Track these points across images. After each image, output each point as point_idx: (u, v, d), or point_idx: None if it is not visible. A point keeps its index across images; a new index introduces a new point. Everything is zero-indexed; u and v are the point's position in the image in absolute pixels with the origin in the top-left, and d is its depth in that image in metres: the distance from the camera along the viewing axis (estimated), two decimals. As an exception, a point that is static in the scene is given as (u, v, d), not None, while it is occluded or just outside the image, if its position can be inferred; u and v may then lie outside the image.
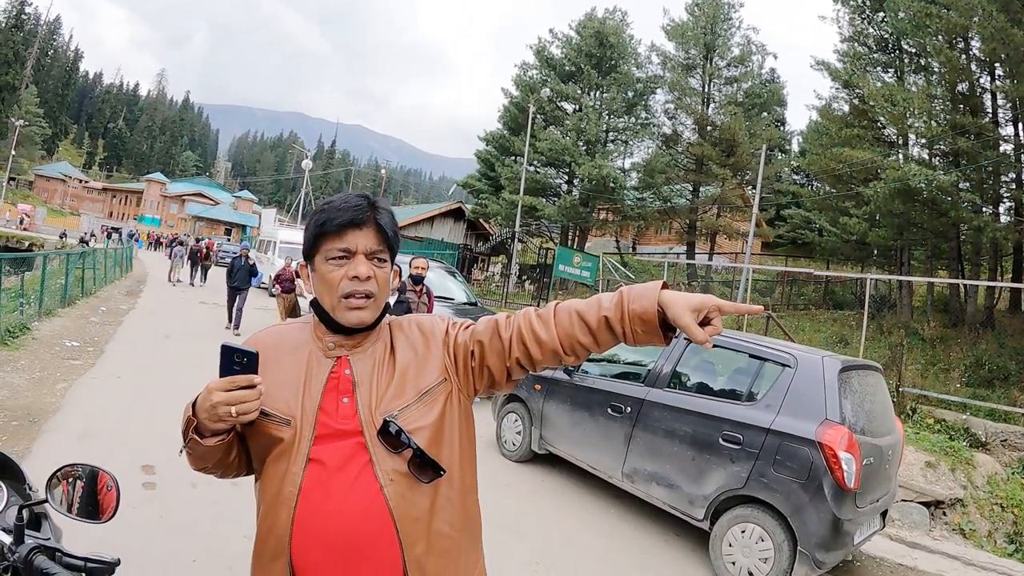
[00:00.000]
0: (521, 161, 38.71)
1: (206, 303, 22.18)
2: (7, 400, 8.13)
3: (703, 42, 37.75)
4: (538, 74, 43.32)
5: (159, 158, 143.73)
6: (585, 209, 39.27)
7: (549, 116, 41.43)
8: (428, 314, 2.04)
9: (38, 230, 63.39)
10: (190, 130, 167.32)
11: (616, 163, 41.13)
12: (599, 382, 7.49)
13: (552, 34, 43.39)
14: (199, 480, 5.97)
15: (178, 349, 12.86)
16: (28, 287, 15.66)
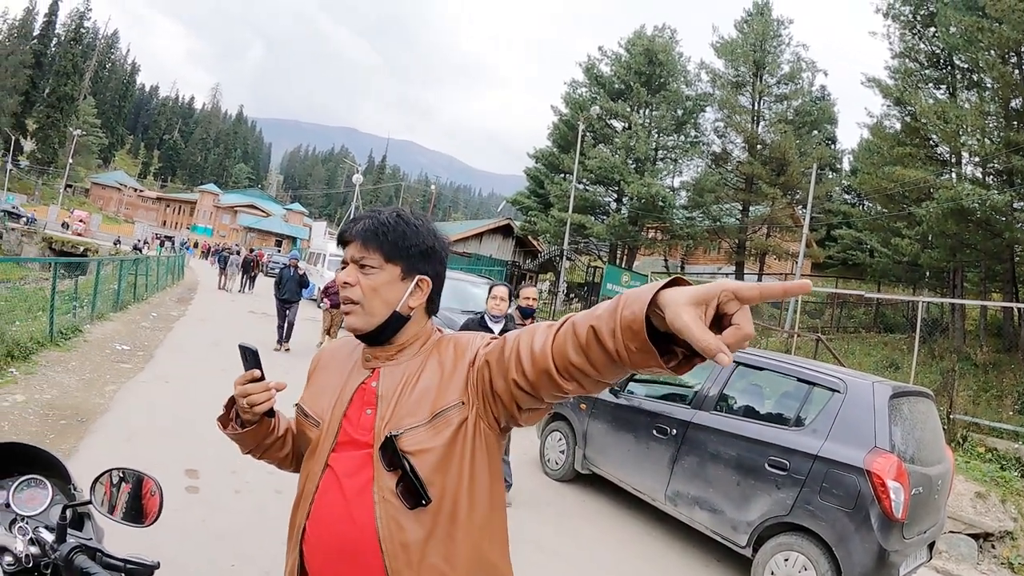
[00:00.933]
0: (570, 178, 38.49)
1: (255, 312, 22.42)
2: (56, 399, 8.27)
3: (752, 59, 37.31)
4: (587, 92, 43.22)
5: (213, 170, 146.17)
6: (634, 227, 39.00)
7: (598, 134, 41.26)
8: (471, 332, 1.88)
9: (93, 236, 64.63)
10: (243, 143, 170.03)
11: (665, 181, 40.72)
12: (645, 403, 7.39)
13: (601, 52, 43.28)
14: (242, 486, 6.04)
15: (226, 356, 12.94)
16: (82, 291, 15.99)
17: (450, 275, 15.09)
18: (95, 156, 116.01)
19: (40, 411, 7.71)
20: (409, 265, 1.76)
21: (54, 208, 71.08)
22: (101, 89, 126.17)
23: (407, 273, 1.76)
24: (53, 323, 12.00)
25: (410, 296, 1.77)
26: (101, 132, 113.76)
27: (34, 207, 73.05)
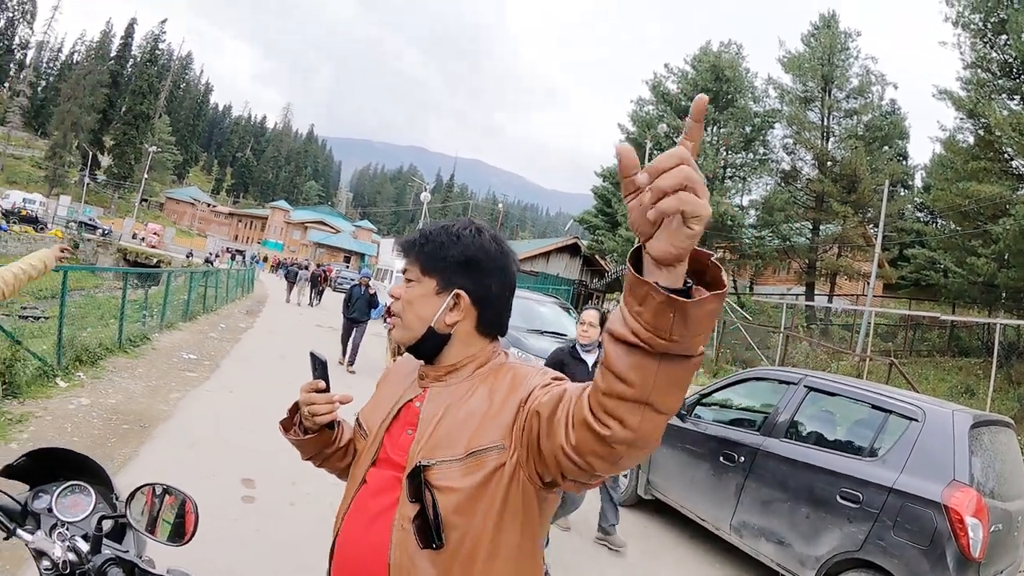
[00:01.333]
0: (638, 197, 38.35)
1: (322, 326, 22.57)
2: (121, 404, 8.37)
3: (821, 74, 36.55)
4: (654, 109, 42.97)
5: (284, 187, 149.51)
6: (702, 247, 38.56)
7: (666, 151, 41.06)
8: (531, 364, 1.68)
9: (166, 249, 66.55)
10: (314, 161, 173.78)
11: (734, 200, 40.19)
12: (712, 428, 7.15)
13: (667, 69, 43.04)
14: (299, 499, 6.00)
15: (291, 369, 12.99)
16: (152, 301, 16.32)
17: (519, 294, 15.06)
18: (170, 172, 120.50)
19: (104, 415, 7.80)
20: (445, 278, 1.65)
21: (129, 220, 73.52)
22: (176, 108, 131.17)
23: (442, 287, 1.65)
24: (122, 330, 12.22)
25: (446, 312, 1.64)
26: (176, 149, 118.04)
27: (110, 219, 75.83)
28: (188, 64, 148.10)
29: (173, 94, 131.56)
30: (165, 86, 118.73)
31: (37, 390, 8.06)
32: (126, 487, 1.90)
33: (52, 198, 70.85)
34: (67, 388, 8.57)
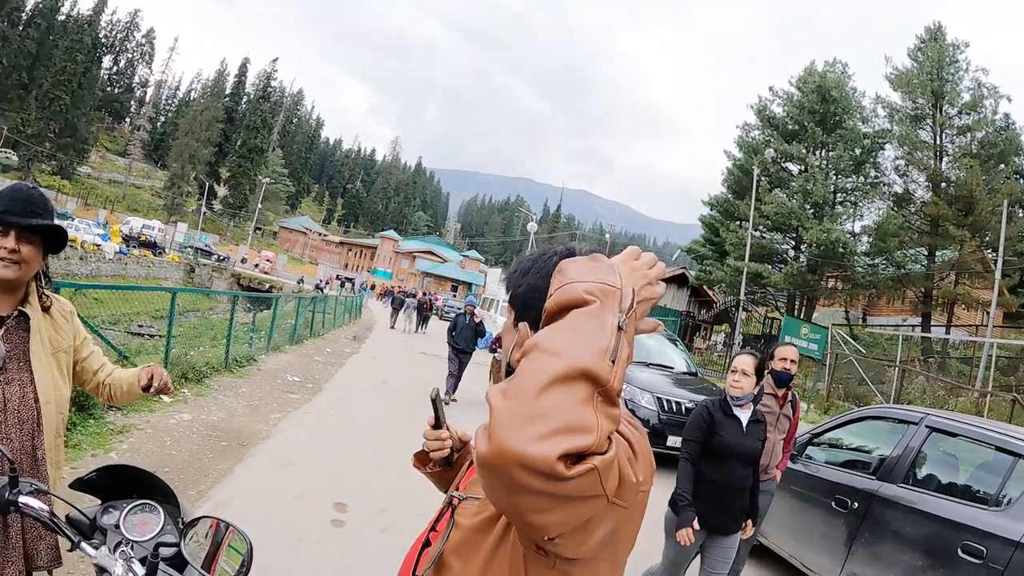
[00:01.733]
0: (746, 226, 37.20)
1: (426, 353, 22.69)
2: (222, 422, 8.53)
3: (930, 89, 34.66)
4: (760, 134, 41.88)
5: (393, 217, 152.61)
6: (813, 276, 37.20)
7: (774, 178, 39.81)
8: None
9: (278, 275, 68.76)
10: (422, 192, 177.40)
11: (845, 226, 38.52)
12: (823, 470, 6.65)
13: (772, 92, 41.87)
14: (389, 526, 5.89)
15: (393, 395, 13.18)
16: (260, 324, 16.70)
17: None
18: (283, 202, 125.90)
19: (204, 431, 7.95)
20: (517, 310, 1.51)
21: (243, 248, 76.37)
22: (288, 142, 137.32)
23: (516, 319, 1.51)
24: (229, 351, 12.58)
25: (516, 348, 1.48)
26: (288, 181, 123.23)
27: (225, 247, 79.01)
28: (300, 100, 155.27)
29: (286, 128, 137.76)
30: (278, 121, 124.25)
31: (141, 404, 8.24)
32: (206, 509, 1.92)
33: (170, 225, 74.35)
34: (171, 403, 8.77)
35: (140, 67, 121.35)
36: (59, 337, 2.27)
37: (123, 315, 21.05)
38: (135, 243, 55.05)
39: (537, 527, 1.02)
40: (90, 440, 6.64)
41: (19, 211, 2.08)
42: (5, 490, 1.73)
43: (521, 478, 0.93)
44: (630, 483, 1.08)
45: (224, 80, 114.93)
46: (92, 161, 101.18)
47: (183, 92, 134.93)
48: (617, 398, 1.02)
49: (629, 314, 1.08)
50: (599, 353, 1.00)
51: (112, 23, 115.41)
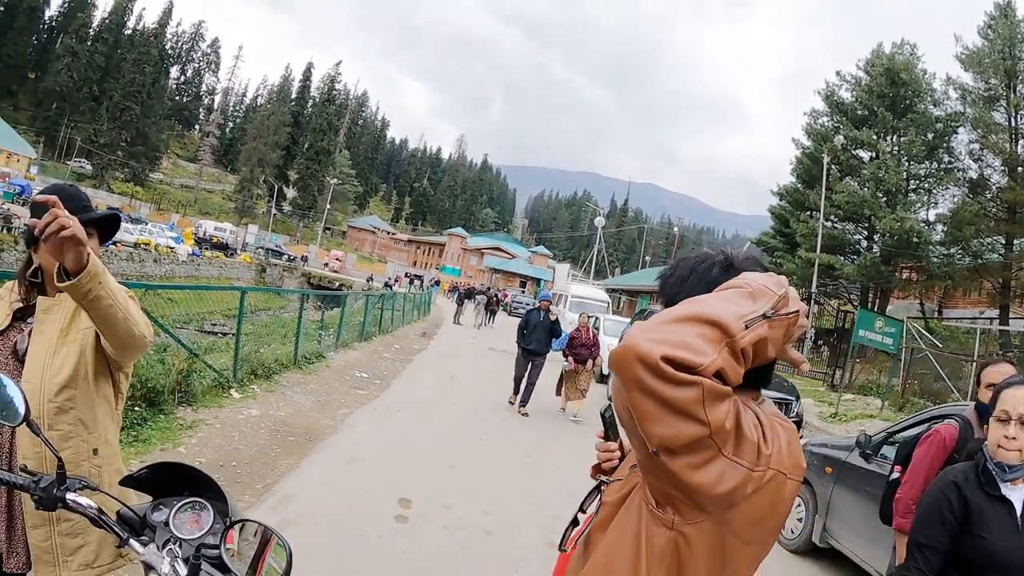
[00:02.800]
0: (817, 216, 36.24)
1: (495, 349, 22.64)
2: (289, 417, 8.58)
3: (1003, 68, 32.95)
4: (829, 121, 40.57)
5: (460, 214, 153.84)
6: (886, 267, 36.04)
7: (844, 165, 38.54)
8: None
9: (348, 273, 69.80)
10: (489, 189, 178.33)
11: (919, 215, 37.12)
12: None
13: (840, 76, 40.42)
14: (452, 522, 5.81)
15: (461, 392, 13.12)
16: (330, 321, 16.85)
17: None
18: (351, 202, 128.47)
19: (272, 426, 8.01)
20: None
21: (313, 248, 77.86)
22: (355, 143, 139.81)
23: None
24: (298, 348, 12.67)
25: None
26: (356, 181, 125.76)
27: (295, 247, 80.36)
28: (364, 102, 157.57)
29: (352, 130, 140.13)
30: (344, 123, 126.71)
31: (211, 400, 8.37)
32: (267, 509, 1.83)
33: (241, 227, 76.54)
34: (240, 399, 8.87)
35: (207, 76, 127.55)
36: (83, 318, 2.17)
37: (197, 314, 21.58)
38: (207, 245, 56.61)
39: (646, 433, 1.12)
40: (159, 435, 6.72)
41: (75, 209, 2.01)
42: (52, 487, 1.72)
43: (633, 369, 1.08)
44: (750, 442, 1.17)
45: (289, 85, 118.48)
46: (164, 167, 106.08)
47: (250, 98, 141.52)
48: (743, 359, 1.13)
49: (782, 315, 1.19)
50: (735, 314, 1.13)
51: (177, 34, 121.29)
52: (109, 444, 2.29)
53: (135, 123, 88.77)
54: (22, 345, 2.17)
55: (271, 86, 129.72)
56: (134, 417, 6.80)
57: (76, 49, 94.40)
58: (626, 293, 60.62)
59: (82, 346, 2.19)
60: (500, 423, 10.43)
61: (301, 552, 1.81)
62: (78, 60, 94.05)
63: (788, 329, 1.21)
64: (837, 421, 16.80)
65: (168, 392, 7.56)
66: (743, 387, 1.28)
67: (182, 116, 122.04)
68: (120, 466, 2.34)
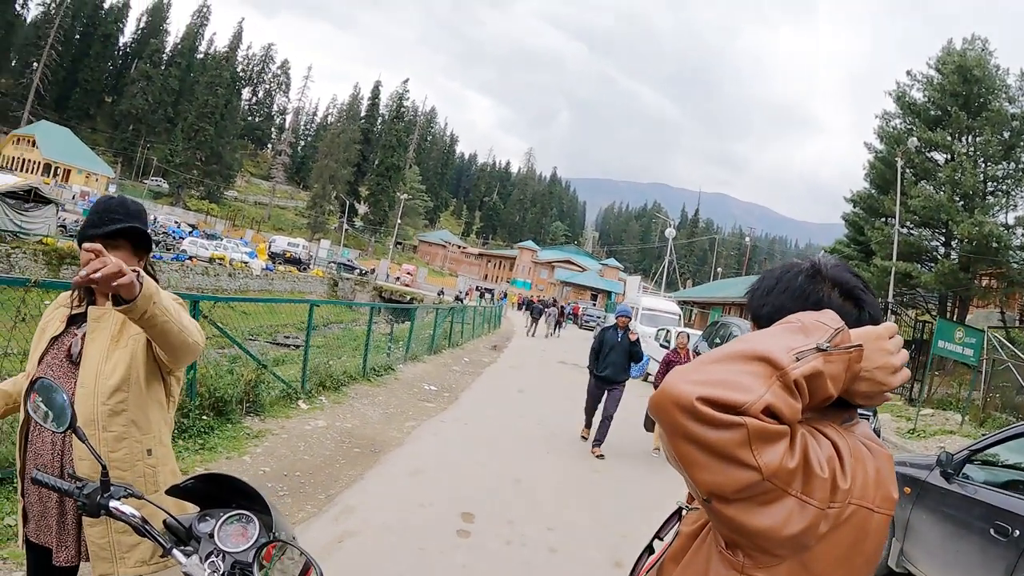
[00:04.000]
0: (892, 223, 35.21)
1: (565, 363, 22.44)
2: (356, 428, 8.61)
3: None
4: (901, 123, 39.29)
5: (530, 228, 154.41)
6: (965, 275, 34.83)
7: (919, 169, 37.26)
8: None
9: (419, 287, 70.41)
10: (558, 202, 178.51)
11: (998, 218, 35.88)
12: (982, 492, 5.85)
13: (911, 76, 39.23)
14: (515, 538, 5.71)
15: (529, 405, 13.00)
16: (399, 334, 16.96)
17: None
18: (422, 217, 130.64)
19: (338, 437, 8.04)
20: None
21: (384, 262, 78.89)
22: (424, 158, 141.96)
23: None
24: (367, 360, 12.75)
25: None
26: (426, 196, 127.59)
27: (367, 261, 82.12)
28: (433, 118, 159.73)
29: (421, 146, 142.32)
30: (413, 139, 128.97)
31: (278, 410, 8.49)
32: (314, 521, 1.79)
33: (314, 242, 77.99)
34: (308, 410, 8.94)
35: (278, 96, 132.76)
36: (132, 327, 2.25)
37: (270, 327, 21.99)
38: (281, 260, 57.70)
39: (694, 480, 1.04)
40: (225, 444, 6.82)
41: (98, 223, 2.25)
42: (96, 493, 1.75)
43: (671, 413, 1.01)
44: (821, 479, 1.06)
45: (358, 103, 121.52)
46: (238, 185, 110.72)
47: (320, 116, 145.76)
48: (798, 392, 1.03)
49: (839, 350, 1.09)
50: (783, 347, 1.06)
51: (248, 57, 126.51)
52: (163, 445, 2.37)
53: (209, 143, 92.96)
54: (76, 349, 2.27)
55: (340, 105, 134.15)
56: (202, 426, 6.92)
57: (150, 73, 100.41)
58: (698, 305, 59.77)
59: (133, 351, 2.28)
60: (567, 437, 10.29)
61: (360, 565, 1.80)
62: (153, 84, 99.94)
63: (850, 365, 1.11)
64: (916, 437, 16.23)
65: (236, 402, 7.68)
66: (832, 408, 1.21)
67: (255, 135, 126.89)
68: (175, 467, 2.42)
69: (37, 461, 2.21)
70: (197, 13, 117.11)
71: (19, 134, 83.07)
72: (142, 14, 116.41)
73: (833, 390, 1.09)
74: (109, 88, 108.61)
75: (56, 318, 2.35)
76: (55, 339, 2.31)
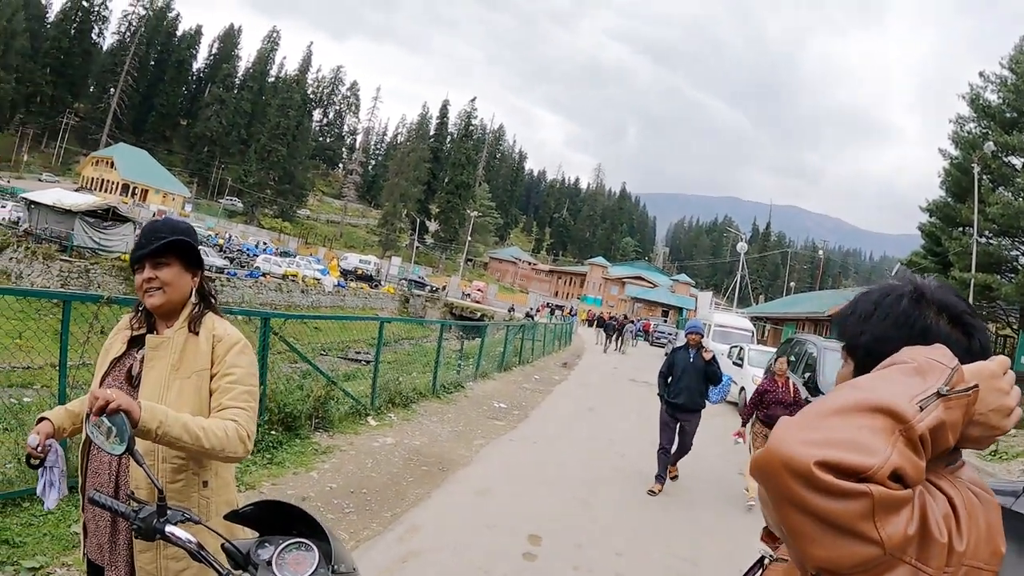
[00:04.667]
0: (970, 232, 33.97)
1: (636, 380, 22.11)
2: (424, 446, 8.57)
3: None
4: (976, 127, 37.83)
5: (600, 244, 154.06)
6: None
7: (996, 174, 35.75)
8: None
9: (489, 304, 70.66)
10: (628, 218, 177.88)
11: None
12: None
13: (983, 77, 37.70)
14: (583, 563, 5.60)
15: (599, 424, 12.82)
16: (469, 351, 16.96)
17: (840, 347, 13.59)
18: (492, 234, 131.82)
19: (406, 455, 8.01)
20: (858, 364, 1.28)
21: (455, 279, 79.62)
22: (493, 176, 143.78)
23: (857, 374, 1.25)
24: (437, 377, 12.78)
25: None
26: (496, 213, 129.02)
27: (437, 278, 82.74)
28: (501, 135, 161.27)
29: (490, 164, 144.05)
30: (482, 157, 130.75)
31: (347, 426, 8.52)
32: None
33: (385, 259, 79.37)
34: (376, 427, 8.97)
35: (348, 117, 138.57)
36: (194, 360, 2.26)
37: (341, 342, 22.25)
38: (352, 277, 58.68)
39: (803, 554, 0.92)
40: (293, 459, 6.87)
41: (145, 243, 2.24)
42: (152, 517, 1.75)
43: (781, 479, 0.90)
44: (939, 544, 0.94)
45: (427, 122, 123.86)
46: (310, 204, 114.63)
47: (390, 136, 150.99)
48: (923, 448, 0.92)
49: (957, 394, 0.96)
50: (905, 396, 0.94)
51: (318, 80, 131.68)
52: (220, 476, 2.33)
53: (282, 163, 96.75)
54: (136, 370, 2.26)
55: (409, 124, 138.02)
56: (270, 440, 7.00)
57: (223, 97, 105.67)
58: (771, 321, 58.64)
59: (198, 386, 2.25)
60: (637, 458, 10.00)
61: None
62: (226, 107, 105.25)
63: (967, 410, 0.99)
64: (997, 459, 15.49)
65: (305, 417, 7.74)
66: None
67: (326, 155, 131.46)
68: (231, 498, 2.38)
69: (95, 481, 2.20)
70: (267, 38, 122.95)
71: (98, 156, 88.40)
72: (214, 40, 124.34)
73: (952, 440, 0.97)
74: (184, 111, 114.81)
75: (118, 340, 2.36)
76: (116, 360, 2.31)
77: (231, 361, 2.29)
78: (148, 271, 2.22)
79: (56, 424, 2.28)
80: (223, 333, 2.34)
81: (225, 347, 2.30)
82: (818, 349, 13.05)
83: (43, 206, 33.60)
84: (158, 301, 2.24)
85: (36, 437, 2.17)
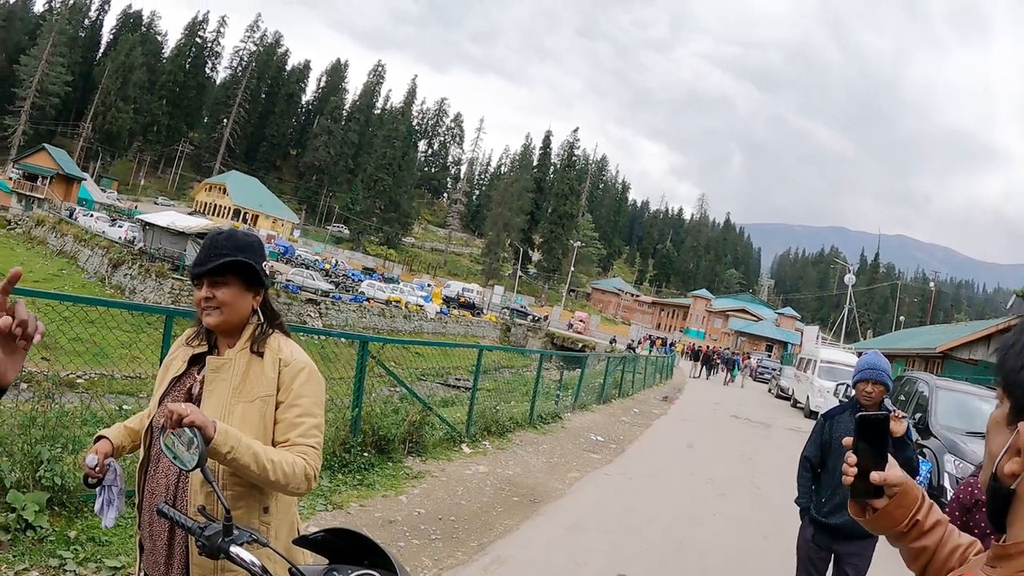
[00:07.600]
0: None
1: (738, 417, 21.38)
2: (517, 477, 8.46)
3: None
4: None
5: (704, 275, 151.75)
6: None
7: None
8: None
9: (591, 335, 70.24)
10: (732, 249, 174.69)
11: None
12: None
13: None
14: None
15: (698, 461, 12.44)
16: (569, 382, 16.81)
17: (954, 386, 12.86)
18: (595, 264, 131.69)
19: (497, 484, 7.93)
20: (1015, 404, 1.06)
21: (557, 309, 79.67)
22: (596, 206, 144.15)
23: (1013, 417, 1.05)
24: (534, 407, 12.71)
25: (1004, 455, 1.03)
26: (599, 244, 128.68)
27: (540, 308, 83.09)
28: (604, 166, 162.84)
29: (593, 194, 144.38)
30: (584, 187, 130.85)
31: (440, 452, 8.51)
32: None
33: (488, 288, 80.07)
34: (470, 454, 8.94)
35: (452, 148, 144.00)
36: (258, 384, 2.18)
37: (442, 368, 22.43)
38: (455, 304, 59.28)
39: None
40: (383, 482, 6.88)
41: (204, 260, 2.16)
42: (218, 536, 1.72)
43: None
44: None
45: (530, 153, 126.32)
46: (415, 232, 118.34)
47: (493, 166, 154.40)
48: None
49: None
50: None
51: (423, 111, 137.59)
52: (281, 500, 2.24)
53: (388, 192, 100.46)
54: (196, 390, 2.20)
55: (512, 154, 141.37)
56: (362, 462, 7.04)
57: (331, 128, 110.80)
58: (881, 359, 56.65)
59: (262, 413, 2.17)
60: (737, 498, 9.65)
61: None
62: (334, 138, 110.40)
63: None
64: None
65: (399, 441, 7.77)
66: None
67: (431, 185, 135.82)
68: (294, 521, 2.32)
69: (151, 500, 2.14)
70: (373, 72, 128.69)
71: (211, 182, 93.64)
72: (322, 74, 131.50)
73: None
74: (294, 142, 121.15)
75: (178, 357, 2.29)
76: (176, 380, 2.25)
77: (298, 391, 2.21)
78: (206, 290, 2.17)
79: (115, 443, 2.27)
80: (290, 357, 2.25)
81: (292, 373, 2.22)
82: (930, 388, 12.29)
83: (158, 227, 35.57)
84: (215, 321, 2.18)
85: (94, 457, 2.16)
